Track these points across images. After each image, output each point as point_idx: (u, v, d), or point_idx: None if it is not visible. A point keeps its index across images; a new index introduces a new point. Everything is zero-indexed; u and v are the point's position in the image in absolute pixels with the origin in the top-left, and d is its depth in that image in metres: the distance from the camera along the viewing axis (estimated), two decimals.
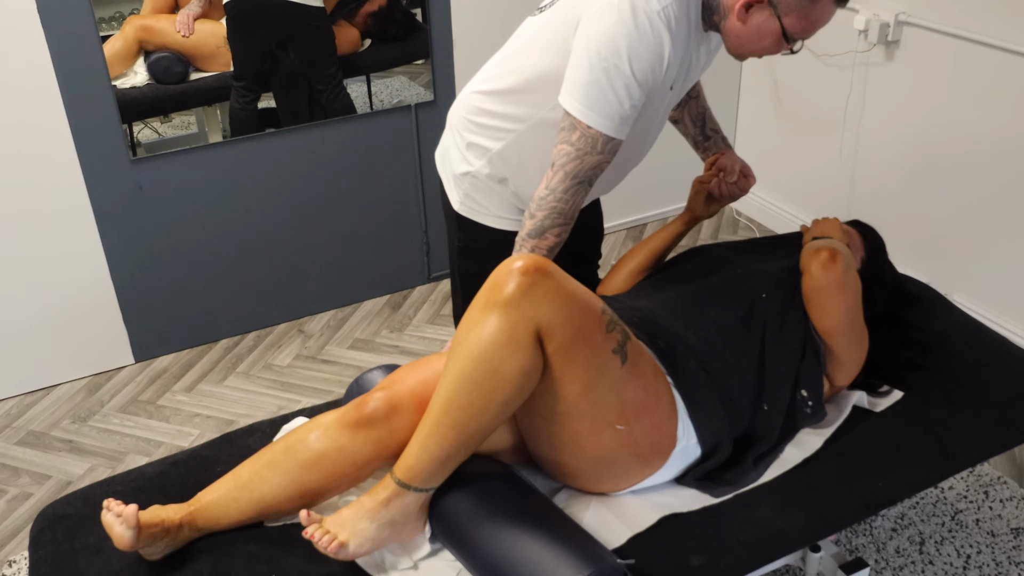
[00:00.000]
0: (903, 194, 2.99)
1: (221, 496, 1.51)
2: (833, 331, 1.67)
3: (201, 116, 2.73)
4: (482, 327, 1.37)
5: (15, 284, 2.65)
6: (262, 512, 1.52)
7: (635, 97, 1.52)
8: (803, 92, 3.30)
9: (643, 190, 3.59)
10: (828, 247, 1.64)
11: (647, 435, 1.51)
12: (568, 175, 1.57)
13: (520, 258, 1.38)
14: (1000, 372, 1.86)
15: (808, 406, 1.67)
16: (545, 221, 1.61)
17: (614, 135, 1.54)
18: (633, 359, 1.48)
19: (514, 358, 1.36)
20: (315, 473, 1.49)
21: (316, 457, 1.49)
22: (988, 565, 2.07)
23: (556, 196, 1.59)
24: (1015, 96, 2.55)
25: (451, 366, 1.40)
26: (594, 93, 1.50)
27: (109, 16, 2.50)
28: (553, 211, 1.60)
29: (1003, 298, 2.77)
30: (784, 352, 1.66)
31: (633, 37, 1.47)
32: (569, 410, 1.46)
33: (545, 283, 1.37)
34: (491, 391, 1.37)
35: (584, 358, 1.42)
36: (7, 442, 2.59)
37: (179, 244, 2.82)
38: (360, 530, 1.41)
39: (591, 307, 1.43)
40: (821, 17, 1.52)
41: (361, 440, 1.49)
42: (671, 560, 1.48)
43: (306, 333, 3.05)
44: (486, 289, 1.40)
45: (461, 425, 1.39)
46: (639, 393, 1.49)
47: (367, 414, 1.50)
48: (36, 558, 1.52)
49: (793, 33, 1.52)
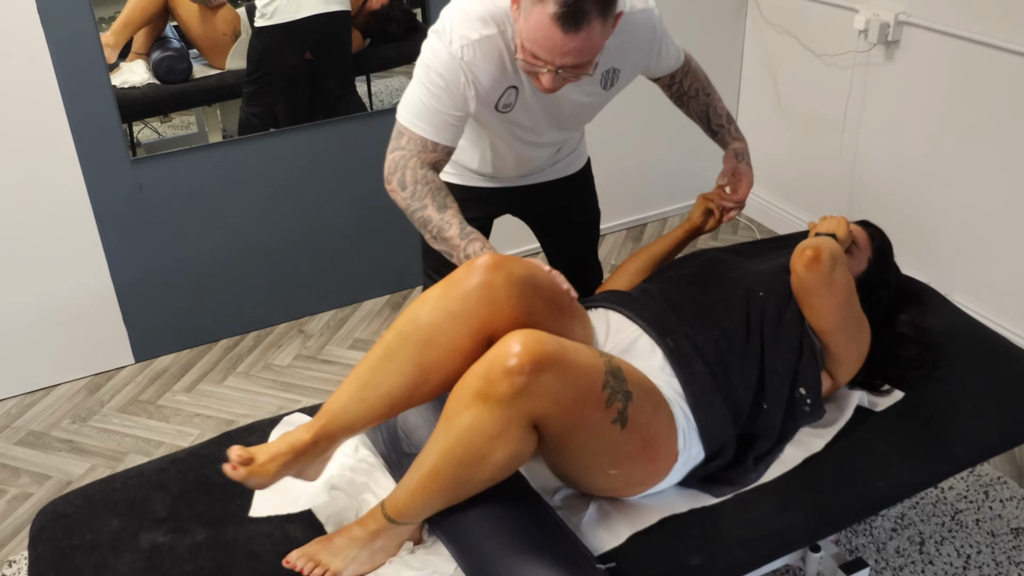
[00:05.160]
0: (903, 194, 2.99)
1: (347, 400, 1.46)
2: (826, 329, 1.67)
3: (201, 116, 2.73)
4: (472, 416, 1.34)
5: (15, 284, 2.65)
6: (392, 405, 1.47)
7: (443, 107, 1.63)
8: (803, 92, 3.30)
9: (643, 190, 3.59)
10: (812, 246, 1.63)
11: (644, 468, 1.52)
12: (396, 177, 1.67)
13: (517, 350, 1.31)
14: (1000, 372, 1.86)
15: (807, 404, 1.67)
16: (441, 215, 1.64)
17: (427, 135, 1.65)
18: (634, 417, 1.44)
19: (504, 448, 1.35)
20: (434, 350, 1.44)
21: (431, 332, 1.44)
22: (988, 565, 2.07)
23: (412, 203, 1.65)
24: (1015, 96, 2.55)
25: (439, 440, 1.38)
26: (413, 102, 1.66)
27: (109, 16, 2.50)
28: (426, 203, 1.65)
29: (1003, 298, 2.76)
30: (782, 351, 1.66)
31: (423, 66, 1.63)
32: (562, 462, 1.50)
33: (542, 379, 1.32)
34: (478, 471, 1.38)
35: (581, 436, 1.41)
36: (7, 442, 2.59)
37: (179, 244, 2.82)
38: (352, 557, 1.44)
39: (590, 388, 1.38)
40: (534, 28, 1.45)
41: (473, 302, 1.44)
42: (671, 560, 1.48)
43: (306, 333, 3.05)
44: (478, 378, 1.34)
45: (448, 491, 1.40)
46: (637, 443, 1.47)
47: (476, 268, 1.45)
48: (35, 556, 1.52)
49: (520, 43, 1.50)
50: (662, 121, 3.48)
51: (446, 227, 1.63)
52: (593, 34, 1.44)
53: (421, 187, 1.63)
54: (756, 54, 3.46)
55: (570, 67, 1.49)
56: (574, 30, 1.42)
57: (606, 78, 1.74)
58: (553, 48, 1.45)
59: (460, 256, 1.61)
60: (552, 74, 1.50)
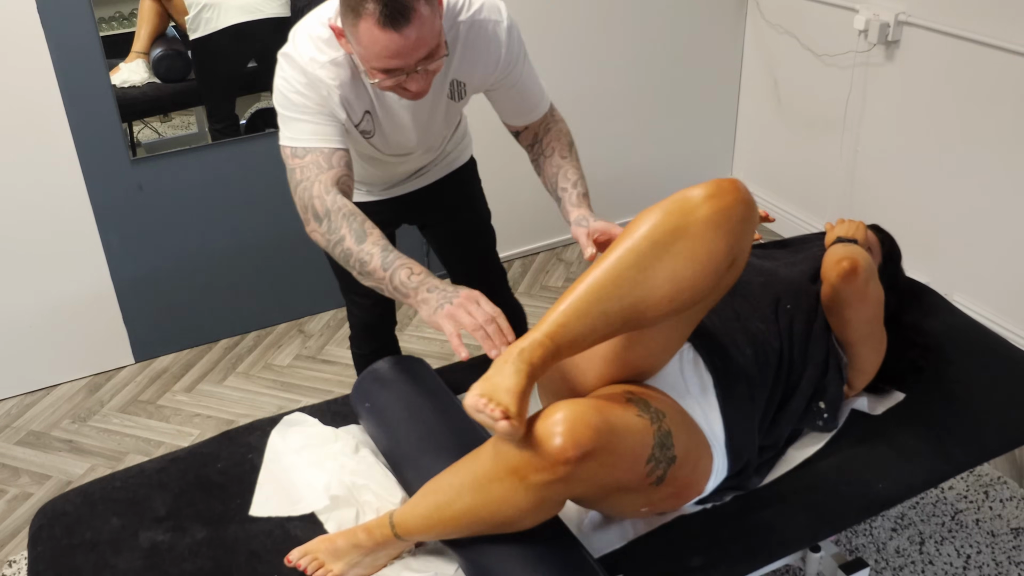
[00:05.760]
0: (903, 194, 2.99)
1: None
2: (854, 340, 1.66)
3: (201, 116, 2.73)
4: (506, 489, 1.28)
5: (15, 284, 2.65)
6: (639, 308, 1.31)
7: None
8: (803, 92, 3.30)
9: (641, 192, 3.59)
10: (848, 257, 1.59)
11: (673, 503, 1.49)
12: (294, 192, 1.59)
13: (561, 433, 1.23)
14: (1000, 372, 1.86)
15: (823, 418, 1.66)
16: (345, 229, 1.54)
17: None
18: (672, 476, 1.37)
19: (533, 519, 1.33)
20: (689, 266, 1.29)
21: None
22: (988, 565, 2.07)
23: (331, 236, 1.55)
24: (1015, 96, 2.55)
25: (466, 497, 1.33)
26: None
27: (109, 16, 2.50)
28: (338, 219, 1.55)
29: (1003, 298, 2.76)
30: (808, 367, 1.63)
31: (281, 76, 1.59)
32: (593, 507, 1.48)
33: (586, 467, 1.24)
34: (503, 530, 1.36)
35: (615, 497, 1.39)
36: (7, 442, 2.59)
37: (179, 244, 2.82)
38: (356, 562, 1.43)
39: (634, 466, 1.31)
40: (370, 43, 1.42)
41: (725, 233, 1.29)
42: (671, 560, 1.48)
43: (306, 333, 3.05)
44: (516, 456, 1.26)
45: (465, 534, 1.39)
46: (671, 491, 1.43)
47: (723, 189, 1.30)
48: (35, 555, 1.52)
49: (369, 69, 1.47)
50: (662, 122, 3.48)
51: (367, 259, 1.49)
52: (424, 20, 1.41)
53: (335, 216, 1.52)
54: (756, 54, 3.46)
55: (424, 59, 1.45)
56: (405, 23, 1.39)
57: (453, 90, 1.69)
58: (398, 50, 1.42)
59: (388, 289, 1.49)
60: (415, 75, 1.46)
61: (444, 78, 1.66)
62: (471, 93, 1.74)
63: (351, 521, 1.52)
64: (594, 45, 3.21)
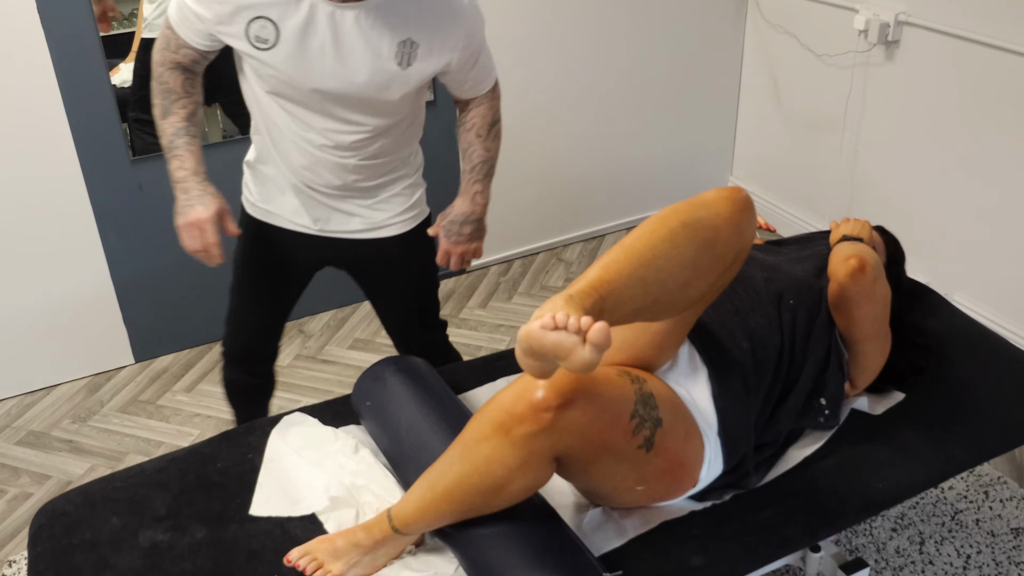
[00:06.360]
0: (903, 194, 2.99)
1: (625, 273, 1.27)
2: (859, 338, 1.66)
3: (201, 116, 2.73)
4: (492, 447, 1.30)
5: (15, 284, 2.65)
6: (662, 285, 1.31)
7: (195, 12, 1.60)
8: (803, 92, 3.30)
9: (642, 190, 3.59)
10: (856, 255, 1.59)
11: (667, 485, 1.49)
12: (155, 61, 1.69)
13: (541, 388, 1.26)
14: (1000, 372, 1.86)
15: (824, 414, 1.66)
16: (164, 101, 1.69)
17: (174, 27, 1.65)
18: (660, 442, 1.39)
19: (522, 479, 1.33)
20: (708, 254, 1.32)
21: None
22: (988, 565, 2.07)
23: (154, 100, 1.70)
24: (1015, 96, 2.55)
25: (455, 466, 1.35)
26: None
27: (109, 16, 2.50)
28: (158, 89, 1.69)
29: (1003, 298, 2.76)
30: (808, 363, 1.63)
31: None
32: (586, 483, 1.48)
33: (568, 415, 1.27)
34: (494, 498, 1.36)
35: (604, 462, 1.38)
36: (7, 442, 2.59)
37: (179, 244, 2.81)
38: (354, 562, 1.43)
39: (618, 419, 1.33)
40: None
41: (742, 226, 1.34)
42: (671, 560, 1.48)
43: (306, 333, 3.05)
44: (500, 411, 1.30)
45: (460, 513, 1.39)
46: (662, 464, 1.44)
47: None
48: (35, 555, 1.52)
49: None
50: (662, 121, 3.48)
51: (161, 135, 1.69)
52: None
53: (157, 86, 1.68)
54: (756, 54, 3.46)
55: None
56: None
57: (402, 51, 1.57)
58: None
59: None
60: None
61: (392, 32, 1.56)
62: (423, 70, 1.61)
63: (351, 521, 1.52)
64: (595, 45, 3.21)
